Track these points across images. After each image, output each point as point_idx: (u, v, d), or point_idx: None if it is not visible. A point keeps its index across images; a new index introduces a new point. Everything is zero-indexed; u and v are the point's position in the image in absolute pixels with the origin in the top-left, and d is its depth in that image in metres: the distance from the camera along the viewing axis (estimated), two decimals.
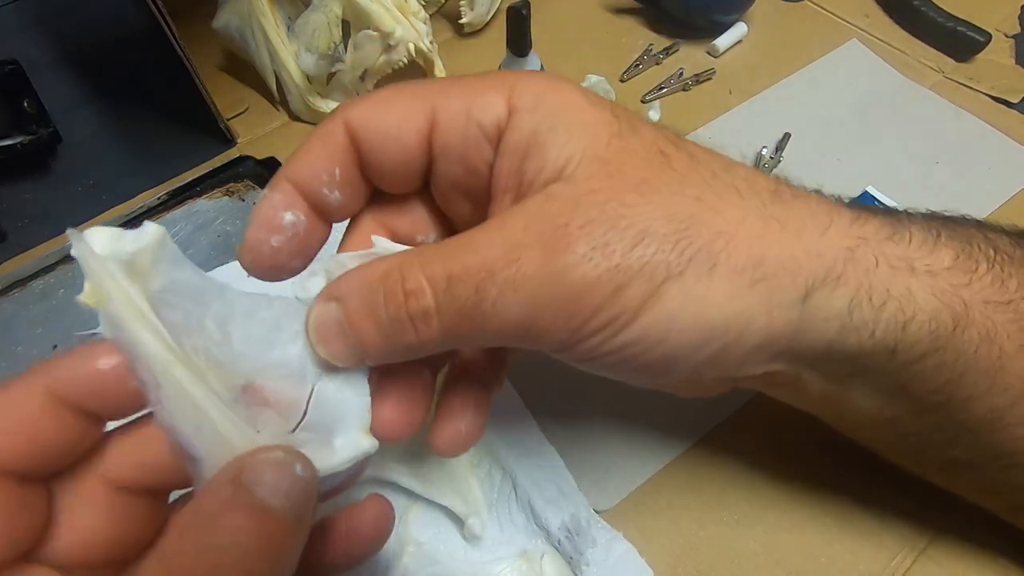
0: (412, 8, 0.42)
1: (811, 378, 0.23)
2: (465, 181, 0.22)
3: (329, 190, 0.22)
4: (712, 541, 0.30)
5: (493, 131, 0.21)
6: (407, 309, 0.19)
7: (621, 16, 0.53)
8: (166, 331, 0.18)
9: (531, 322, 0.19)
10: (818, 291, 0.21)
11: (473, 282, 0.19)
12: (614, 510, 0.31)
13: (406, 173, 0.22)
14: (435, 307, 0.19)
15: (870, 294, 0.21)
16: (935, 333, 0.21)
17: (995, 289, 0.22)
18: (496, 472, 0.32)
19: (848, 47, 0.50)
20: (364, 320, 0.20)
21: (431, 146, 0.22)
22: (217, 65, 0.50)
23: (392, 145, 0.21)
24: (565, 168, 0.20)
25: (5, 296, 0.38)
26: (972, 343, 0.22)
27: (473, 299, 0.19)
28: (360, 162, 0.22)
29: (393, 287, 0.19)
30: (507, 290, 0.19)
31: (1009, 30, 0.51)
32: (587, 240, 0.19)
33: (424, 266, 0.19)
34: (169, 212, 0.41)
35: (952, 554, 0.30)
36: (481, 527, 0.29)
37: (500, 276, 0.19)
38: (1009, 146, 0.44)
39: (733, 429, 0.33)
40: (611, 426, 0.33)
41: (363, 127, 0.21)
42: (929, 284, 0.21)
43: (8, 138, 0.43)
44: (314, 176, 0.22)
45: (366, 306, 0.20)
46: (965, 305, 0.22)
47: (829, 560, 0.30)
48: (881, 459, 0.30)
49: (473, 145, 0.21)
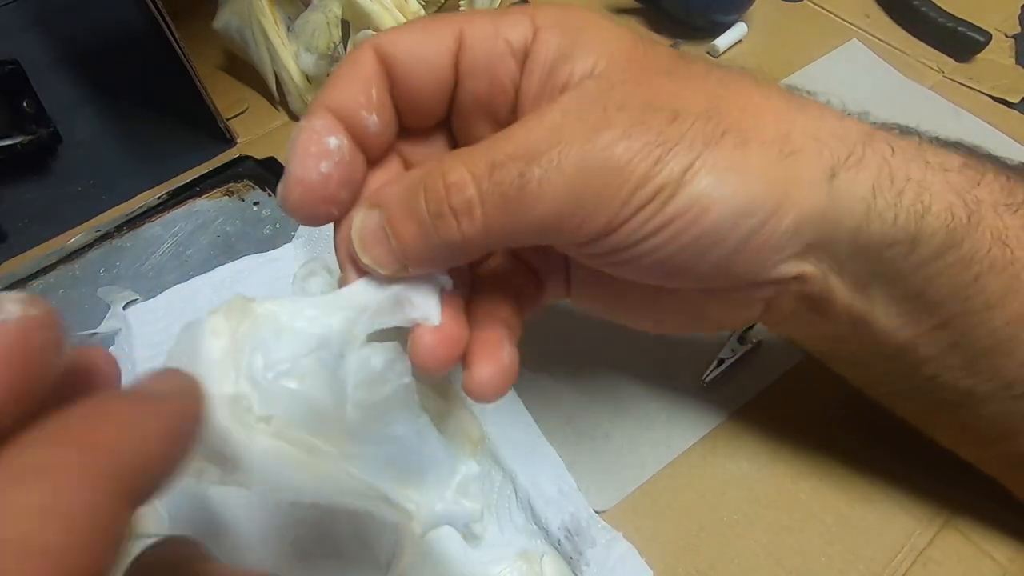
0: (412, 8, 0.42)
1: (837, 286, 0.23)
2: (490, 100, 0.23)
3: (367, 112, 0.22)
4: (712, 541, 0.30)
5: (520, 47, 0.22)
6: (449, 202, 0.19)
7: (621, 16, 0.53)
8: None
9: (576, 203, 0.19)
10: (842, 172, 0.21)
11: (516, 167, 0.19)
12: (614, 510, 0.31)
13: (435, 94, 0.23)
14: (478, 196, 0.19)
15: (891, 178, 0.21)
16: (951, 226, 0.22)
17: (1004, 194, 0.23)
18: (496, 472, 0.32)
19: (848, 47, 0.50)
20: (405, 220, 0.20)
21: (458, 65, 0.22)
22: (217, 65, 0.50)
23: (421, 64, 0.22)
24: (594, 69, 0.21)
25: None
26: (985, 243, 0.22)
27: (518, 182, 0.19)
28: (392, 86, 0.22)
29: (434, 183, 0.20)
30: (551, 170, 0.19)
31: (1009, 30, 0.51)
32: (625, 119, 0.20)
33: (466, 159, 0.20)
34: (169, 212, 0.41)
35: (952, 554, 0.30)
36: (481, 527, 0.29)
37: (544, 158, 0.19)
38: (1009, 146, 0.44)
39: (733, 429, 0.33)
40: (611, 426, 0.33)
41: (393, 50, 0.22)
42: (943, 177, 0.22)
43: (8, 138, 0.43)
44: (352, 99, 0.21)
45: (407, 206, 0.20)
46: (978, 202, 0.22)
47: (829, 560, 0.30)
48: (881, 459, 0.30)
49: (500, 60, 0.22)
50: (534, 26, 0.22)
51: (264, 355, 0.17)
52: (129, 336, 0.35)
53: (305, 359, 0.18)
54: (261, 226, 0.41)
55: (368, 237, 0.20)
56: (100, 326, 0.37)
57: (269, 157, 0.44)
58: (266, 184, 0.43)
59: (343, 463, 0.18)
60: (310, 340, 0.18)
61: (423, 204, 0.20)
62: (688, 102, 0.20)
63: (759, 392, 0.34)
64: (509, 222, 0.20)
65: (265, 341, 0.18)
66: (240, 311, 0.18)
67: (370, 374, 0.18)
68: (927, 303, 0.23)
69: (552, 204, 0.19)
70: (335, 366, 0.18)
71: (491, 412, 0.32)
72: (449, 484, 0.20)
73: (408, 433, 0.19)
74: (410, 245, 0.20)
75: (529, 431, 0.32)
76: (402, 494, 0.19)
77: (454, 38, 0.22)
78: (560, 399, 0.34)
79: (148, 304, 0.36)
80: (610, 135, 0.19)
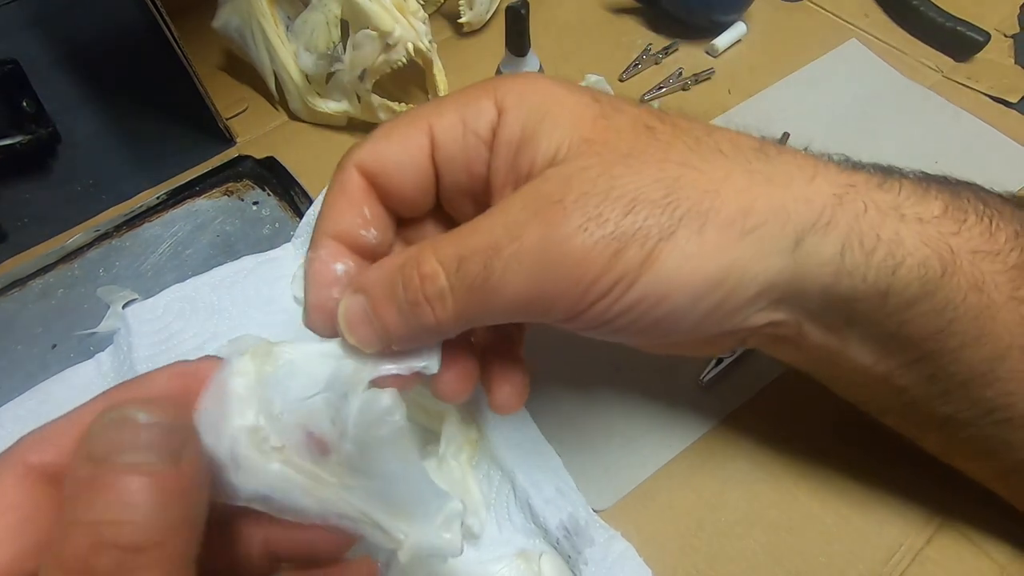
0: (411, 8, 0.42)
1: (811, 330, 0.24)
2: (470, 186, 0.24)
3: (365, 230, 0.23)
4: (711, 541, 0.30)
5: (487, 134, 0.23)
6: (423, 291, 0.21)
7: (620, 16, 0.53)
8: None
9: (537, 293, 0.21)
10: (809, 237, 0.22)
11: (481, 260, 0.20)
12: (613, 509, 0.31)
13: (420, 192, 0.24)
14: (448, 287, 0.21)
15: (860, 239, 0.22)
16: (924, 278, 0.22)
17: (984, 240, 0.23)
18: (494, 472, 0.32)
19: (848, 47, 0.50)
20: (386, 306, 0.21)
21: (435, 161, 0.23)
22: (217, 65, 0.50)
23: (403, 171, 0.23)
24: (556, 155, 0.22)
25: (5, 296, 0.38)
26: (960, 290, 0.22)
27: (482, 275, 0.20)
28: (380, 196, 0.24)
29: (410, 273, 0.21)
30: (512, 263, 0.20)
31: (1008, 30, 0.51)
32: (581, 212, 0.20)
33: (436, 252, 0.21)
34: (169, 212, 0.41)
35: (950, 553, 0.30)
36: (480, 527, 0.29)
37: (505, 252, 0.20)
38: (1009, 146, 0.44)
39: (732, 429, 0.33)
40: (610, 426, 0.33)
41: (373, 163, 0.23)
42: (918, 231, 0.22)
43: (8, 138, 0.43)
44: (349, 223, 0.23)
45: (387, 293, 0.21)
46: (953, 252, 0.22)
47: (829, 560, 0.30)
48: (880, 459, 0.31)
49: (472, 151, 0.23)
50: (498, 108, 0.23)
51: (281, 395, 0.20)
52: (128, 335, 0.35)
53: (314, 399, 0.20)
54: (260, 226, 0.41)
55: (353, 320, 0.22)
56: (99, 326, 0.37)
57: (268, 157, 0.44)
58: (265, 184, 0.43)
59: (343, 492, 0.20)
60: (319, 382, 0.21)
61: (401, 293, 0.21)
62: (645, 191, 0.21)
63: (758, 392, 0.34)
64: (478, 308, 0.21)
65: (282, 382, 0.20)
66: (264, 354, 0.21)
67: (369, 415, 0.20)
68: (901, 343, 0.23)
69: (515, 294, 0.21)
70: (339, 406, 0.20)
71: (490, 412, 0.32)
72: (435, 519, 0.22)
73: (400, 470, 0.21)
74: (392, 328, 0.21)
75: (528, 431, 0.32)
76: (392, 524, 0.21)
77: (427, 138, 0.23)
78: (560, 399, 0.34)
79: (147, 303, 0.36)
80: (566, 229, 0.20)
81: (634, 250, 0.20)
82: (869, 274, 0.22)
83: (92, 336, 0.37)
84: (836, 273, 0.22)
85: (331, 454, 0.20)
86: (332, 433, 0.20)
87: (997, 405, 0.24)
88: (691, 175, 0.21)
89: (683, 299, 0.21)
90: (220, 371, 0.20)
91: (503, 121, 0.22)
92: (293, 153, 0.45)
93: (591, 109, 0.22)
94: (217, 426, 0.19)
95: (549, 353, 0.35)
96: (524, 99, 0.22)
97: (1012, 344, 0.23)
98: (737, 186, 0.22)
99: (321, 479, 0.20)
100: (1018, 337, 0.23)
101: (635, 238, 0.20)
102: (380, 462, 0.21)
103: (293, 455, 0.20)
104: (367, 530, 0.21)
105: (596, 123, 0.22)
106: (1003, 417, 0.24)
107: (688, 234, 0.21)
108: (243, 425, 0.19)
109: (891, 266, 0.22)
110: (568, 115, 0.22)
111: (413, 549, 0.21)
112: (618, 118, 0.22)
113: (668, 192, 0.21)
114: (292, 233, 0.39)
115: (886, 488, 0.31)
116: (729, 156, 0.22)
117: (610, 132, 0.22)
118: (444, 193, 0.25)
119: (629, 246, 0.20)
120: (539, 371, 0.34)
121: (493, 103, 0.23)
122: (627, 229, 0.20)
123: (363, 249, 0.24)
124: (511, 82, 0.23)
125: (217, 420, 0.19)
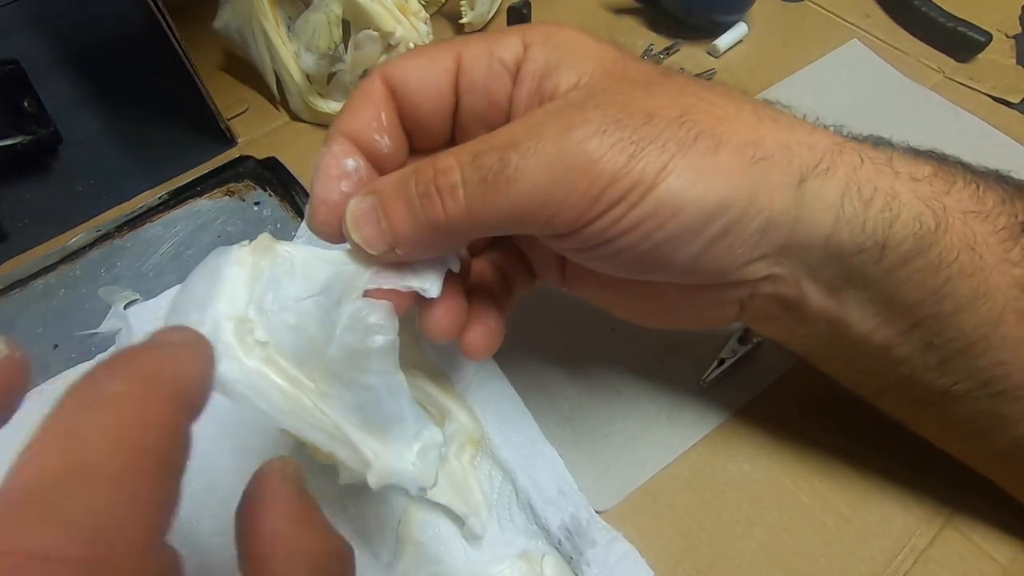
0: (412, 8, 0.42)
1: (811, 290, 0.24)
2: (488, 115, 0.24)
3: (380, 135, 0.24)
4: (712, 541, 0.30)
5: (512, 64, 0.24)
6: (436, 183, 0.21)
7: (621, 16, 0.53)
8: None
9: (550, 192, 0.21)
10: (811, 179, 0.22)
11: (497, 154, 0.21)
12: (614, 510, 0.31)
13: (438, 114, 0.25)
14: (461, 179, 0.21)
15: (859, 188, 0.22)
16: (919, 233, 0.22)
17: (973, 202, 0.24)
18: (496, 473, 0.32)
19: (848, 47, 0.50)
20: (395, 201, 0.22)
21: (458, 85, 0.24)
22: (217, 65, 0.50)
23: (425, 87, 0.24)
24: (579, 81, 0.23)
25: (5, 296, 0.38)
26: (953, 248, 0.23)
27: (496, 167, 0.21)
28: (399, 109, 0.24)
29: (424, 168, 0.22)
30: (528, 157, 0.20)
31: (1009, 30, 0.51)
32: (601, 116, 0.21)
33: (455, 150, 0.22)
34: (170, 212, 0.41)
35: (952, 554, 0.30)
36: (481, 527, 0.29)
37: (522, 146, 0.21)
38: (1009, 146, 0.44)
39: (733, 429, 0.33)
40: (611, 426, 0.33)
41: (399, 76, 0.24)
42: (911, 188, 0.23)
43: (8, 138, 0.43)
44: (364, 124, 0.24)
45: (398, 189, 0.22)
46: (945, 210, 0.23)
47: (829, 561, 0.30)
48: (881, 460, 0.31)
49: (495, 78, 0.24)
50: (524, 44, 0.24)
51: (275, 291, 0.20)
52: (130, 336, 0.35)
53: (307, 300, 0.20)
54: (262, 226, 0.41)
55: (360, 217, 0.22)
56: (101, 326, 0.37)
57: (270, 157, 0.44)
58: (267, 184, 0.43)
59: (318, 400, 0.20)
60: (315, 285, 0.20)
61: (412, 187, 0.21)
62: (663, 108, 0.22)
63: (759, 392, 0.34)
64: (488, 205, 0.21)
65: (278, 278, 0.20)
66: (265, 248, 0.20)
67: (359, 323, 0.20)
68: (898, 306, 0.24)
69: (527, 191, 0.21)
70: (331, 311, 0.20)
71: (492, 412, 0.32)
72: (411, 445, 0.21)
73: (381, 386, 0.21)
74: (398, 225, 0.22)
75: (529, 431, 0.32)
76: (364, 442, 0.21)
77: (453, 61, 0.24)
78: (560, 399, 0.34)
79: (149, 304, 0.36)
80: (585, 130, 0.21)
81: (651, 158, 0.21)
82: (868, 224, 0.22)
83: (94, 336, 0.37)
84: (836, 221, 0.22)
85: (314, 358, 0.20)
86: (319, 337, 0.20)
87: (993, 376, 0.24)
88: (704, 105, 0.22)
89: (692, 219, 0.21)
90: (218, 257, 0.20)
91: (528, 55, 0.23)
92: (294, 153, 0.45)
93: (613, 53, 0.24)
94: (203, 306, 0.19)
95: (550, 353, 0.35)
96: (550, 38, 0.24)
97: (1006, 307, 0.23)
98: (747, 122, 0.22)
99: (299, 383, 0.20)
100: (1011, 300, 0.23)
101: (653, 146, 0.21)
102: (362, 374, 0.20)
103: (275, 354, 0.20)
104: (338, 449, 0.21)
105: (617, 62, 0.23)
106: (998, 389, 0.25)
107: (704, 151, 0.21)
108: (230, 313, 0.19)
109: (888, 218, 0.22)
110: (591, 52, 0.23)
111: (382, 472, 0.21)
112: (636, 63, 0.24)
113: (684, 113, 0.22)
114: (293, 234, 0.39)
115: (888, 489, 0.31)
116: (738, 100, 0.23)
117: (629, 69, 0.23)
118: (461, 125, 0.25)
119: (646, 152, 0.21)
120: (540, 371, 0.35)
121: (521, 39, 0.24)
122: (645, 135, 0.21)
123: (375, 154, 0.24)
124: (539, 25, 0.24)
125: (204, 301, 0.19)
